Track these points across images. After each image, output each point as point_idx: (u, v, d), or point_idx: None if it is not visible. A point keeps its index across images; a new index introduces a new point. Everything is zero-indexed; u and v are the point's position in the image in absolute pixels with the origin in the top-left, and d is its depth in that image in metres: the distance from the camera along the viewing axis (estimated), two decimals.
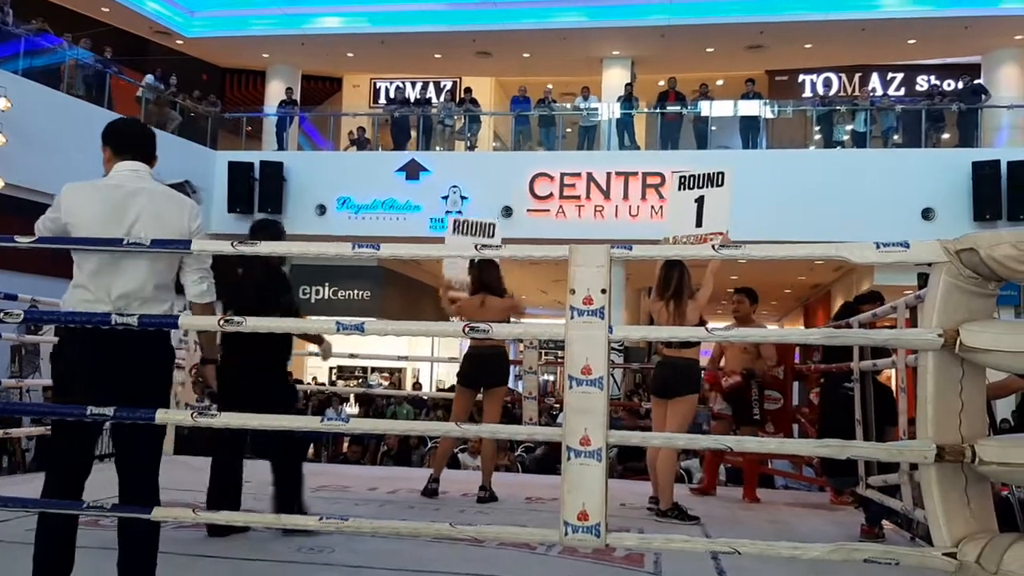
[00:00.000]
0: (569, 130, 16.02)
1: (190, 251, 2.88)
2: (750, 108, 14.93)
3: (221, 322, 2.71)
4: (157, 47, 17.44)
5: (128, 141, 3.11)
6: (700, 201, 5.25)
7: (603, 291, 2.56)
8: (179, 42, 17.40)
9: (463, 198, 14.54)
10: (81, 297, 2.93)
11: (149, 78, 14.86)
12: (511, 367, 6.16)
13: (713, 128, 15.01)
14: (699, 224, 5.21)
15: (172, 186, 3.18)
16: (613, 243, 2.67)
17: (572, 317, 2.56)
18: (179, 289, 3.11)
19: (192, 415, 2.71)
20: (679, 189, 5.37)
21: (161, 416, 2.71)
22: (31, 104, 11.06)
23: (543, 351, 15.19)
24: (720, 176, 5.26)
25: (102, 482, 3.02)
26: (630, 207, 14.11)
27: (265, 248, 2.96)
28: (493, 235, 5.93)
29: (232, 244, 2.82)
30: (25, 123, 10.74)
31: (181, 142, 14.73)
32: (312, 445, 12.79)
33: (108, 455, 3.42)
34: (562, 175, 14.39)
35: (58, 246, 2.91)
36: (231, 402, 3.88)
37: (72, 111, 12.00)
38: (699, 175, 5.31)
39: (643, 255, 2.71)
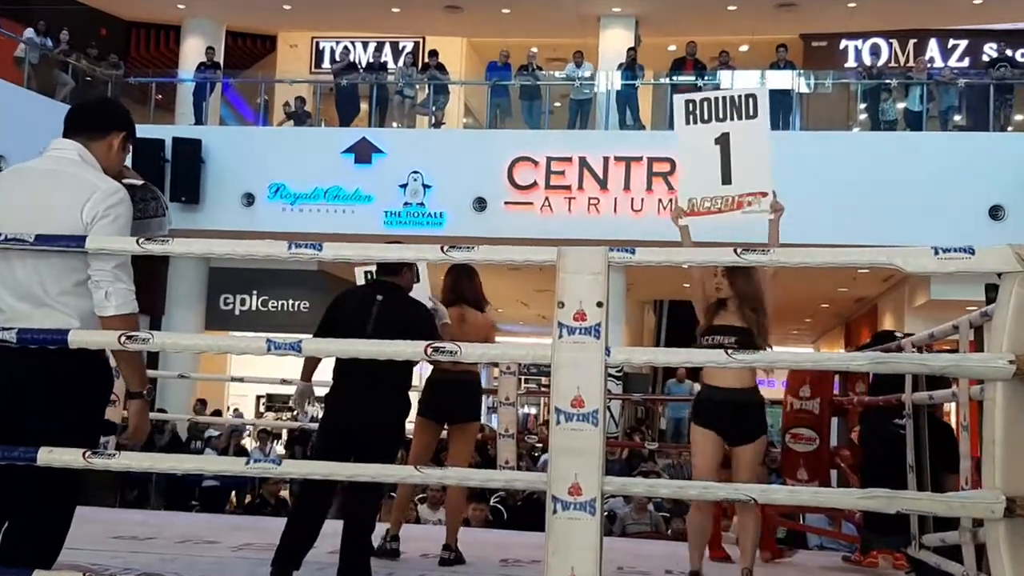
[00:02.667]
0: (558, 104, 16.07)
1: (84, 248, 2.86)
2: (781, 80, 15.04)
3: (122, 339, 2.69)
4: None
5: (69, 116, 3.19)
6: (724, 143, 4.54)
7: (599, 304, 2.57)
8: None
9: (426, 187, 14.56)
10: None
11: (29, 32, 14.73)
12: (483, 397, 6.14)
13: None
14: (727, 179, 4.53)
15: (129, 188, 3.14)
16: (612, 245, 2.69)
17: (561, 336, 2.57)
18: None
19: (84, 454, 2.69)
20: (688, 123, 4.63)
21: (45, 457, 2.68)
22: None
23: (523, 378, 15.21)
24: (749, 102, 4.57)
25: None
26: (632, 200, 14.18)
27: (180, 248, 2.95)
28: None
29: (138, 242, 2.81)
30: None
31: None
32: (233, 493, 12.76)
33: None
34: (548, 160, 14.43)
35: None
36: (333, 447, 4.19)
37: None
38: (717, 100, 4.59)
39: (649, 260, 2.73)
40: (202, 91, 16.30)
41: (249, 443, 14.69)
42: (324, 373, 4.79)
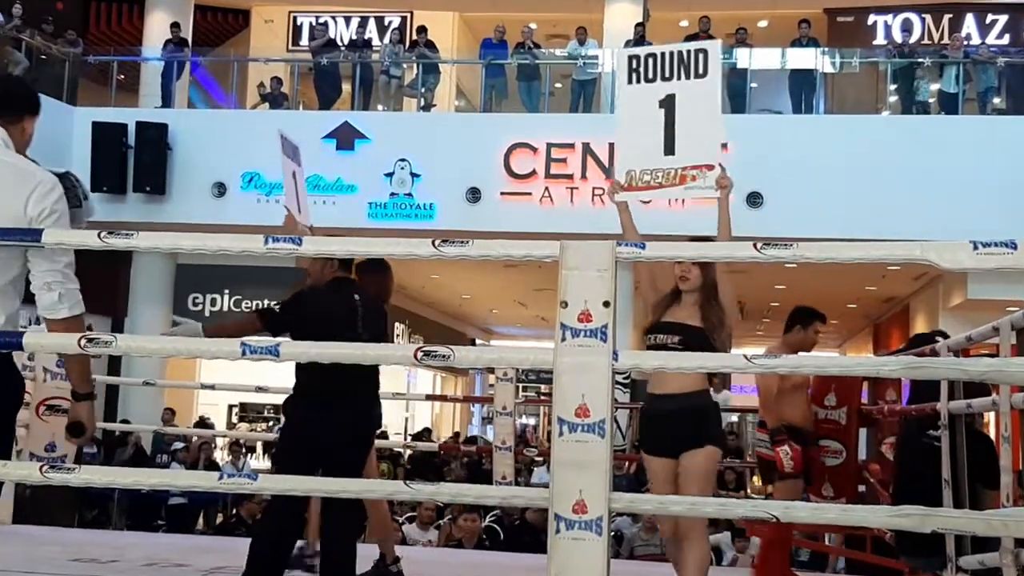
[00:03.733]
0: (559, 85, 16.06)
1: (39, 244, 2.86)
2: (803, 59, 15.04)
3: (82, 342, 2.69)
4: None
5: None
6: (669, 106, 4.27)
7: (606, 304, 2.58)
8: None
9: (414, 176, 14.55)
10: None
11: None
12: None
13: (754, 85, 15.12)
14: (670, 149, 4.26)
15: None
16: (619, 239, 2.69)
17: (564, 339, 2.57)
18: None
19: (41, 468, 2.69)
20: (631, 81, 4.38)
21: (3, 472, 2.69)
22: None
23: (521, 385, 15.21)
24: (699, 57, 4.29)
25: None
26: None
27: (145, 243, 2.95)
28: (300, 162, 5.90)
29: (99, 235, 2.81)
30: None
31: None
32: (203, 512, 12.75)
33: None
34: (549, 146, 14.43)
35: None
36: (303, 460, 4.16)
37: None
38: (664, 56, 4.33)
39: (659, 255, 2.74)
40: (170, 71, 16.26)
41: (220, 456, 14.69)
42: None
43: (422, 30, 16.42)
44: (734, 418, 20.62)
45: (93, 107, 15.75)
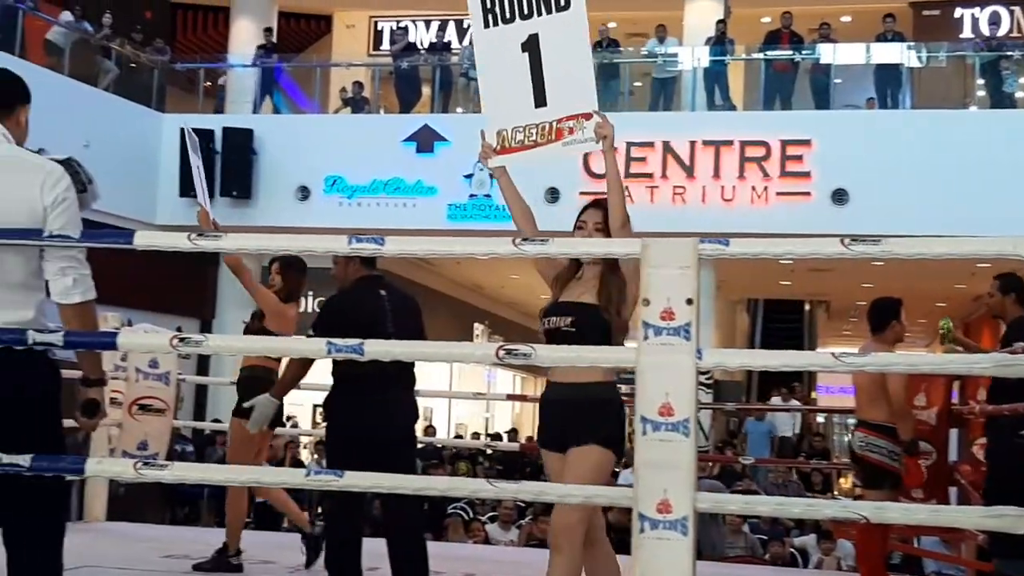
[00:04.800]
0: (638, 84, 15.98)
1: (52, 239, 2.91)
2: (888, 53, 14.79)
3: (174, 341, 2.75)
4: None
5: None
6: (533, 49, 3.74)
7: (689, 302, 2.56)
8: None
9: (493, 177, 14.57)
10: None
11: (66, 16, 15.08)
12: None
13: (837, 80, 14.90)
14: (541, 101, 3.75)
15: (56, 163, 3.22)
16: (702, 236, 2.66)
17: (646, 337, 2.56)
18: None
19: (135, 465, 2.76)
20: (487, 25, 3.85)
21: (94, 468, 2.75)
22: None
23: None
24: None
25: None
26: (723, 188, 14.05)
27: (232, 244, 3.00)
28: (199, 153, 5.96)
29: (189, 238, 2.86)
30: None
31: (117, 102, 14.96)
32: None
33: None
34: (628, 145, 14.34)
35: None
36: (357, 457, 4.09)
37: None
38: None
39: (743, 252, 2.70)
40: (270, 77, 16.55)
41: (305, 455, 14.87)
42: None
43: None
44: (820, 419, 20.29)
45: (181, 113, 16.08)
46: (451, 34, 19.50)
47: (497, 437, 17.68)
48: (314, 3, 19.60)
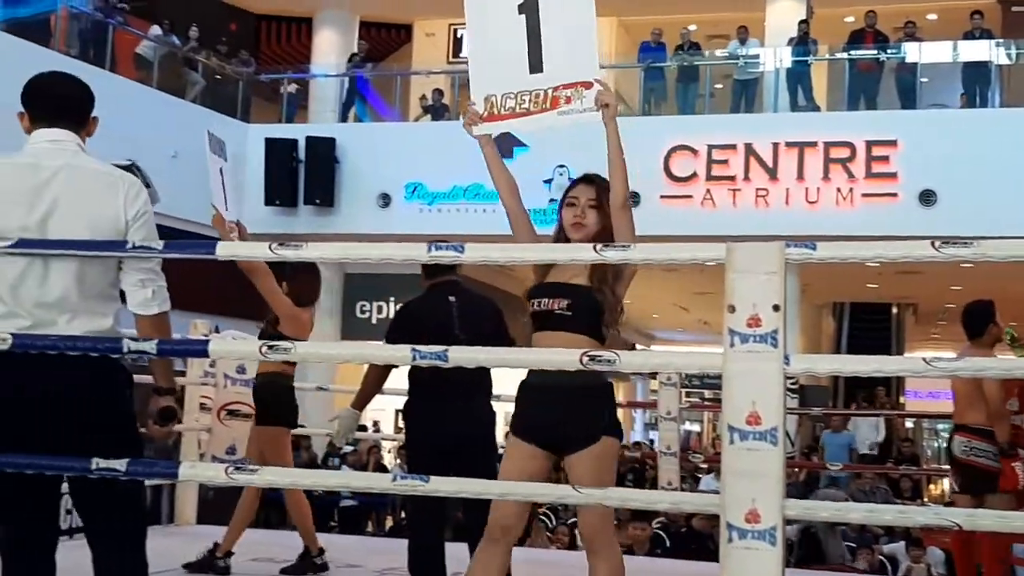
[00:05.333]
0: (720, 86, 15.84)
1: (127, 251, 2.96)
2: (977, 51, 14.46)
3: (263, 349, 2.77)
4: None
5: (45, 102, 3.18)
6: (531, 11, 3.52)
7: (775, 308, 2.50)
8: None
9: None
10: None
11: (155, 30, 15.42)
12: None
13: (924, 79, 14.60)
14: (537, 66, 3.53)
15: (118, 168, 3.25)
16: (788, 240, 2.60)
17: (732, 344, 2.51)
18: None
19: (226, 470, 2.78)
20: None
21: (187, 472, 2.79)
22: (15, 67, 11.58)
23: (684, 390, 15.02)
24: None
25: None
26: (807, 190, 13.84)
27: (313, 253, 3.01)
28: (227, 157, 5.93)
29: (270, 247, 2.88)
30: (7, 91, 11.29)
31: (204, 113, 15.24)
32: (373, 514, 13.04)
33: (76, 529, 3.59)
34: (710, 147, 14.23)
35: None
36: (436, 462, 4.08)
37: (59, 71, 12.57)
38: None
39: (831, 256, 2.63)
40: (360, 86, 16.73)
41: (389, 460, 15.00)
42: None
43: None
44: (909, 424, 19.86)
45: (265, 123, 16.34)
46: None
47: None
48: (395, 13, 19.76)
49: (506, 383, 4.21)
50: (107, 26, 14.30)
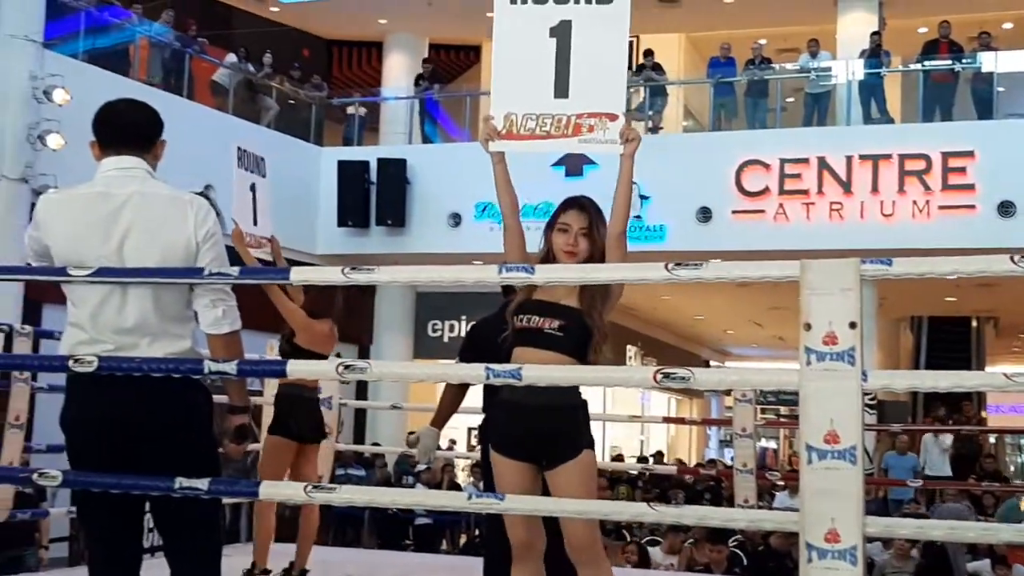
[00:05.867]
0: (791, 100, 15.70)
1: (201, 278, 3.03)
2: None
3: (340, 369, 2.81)
4: (246, 17, 18.47)
5: (112, 129, 3.25)
6: (563, 36, 3.54)
7: (852, 325, 2.48)
8: (273, 9, 18.37)
9: (643, 198, 14.52)
10: (76, 338, 3.15)
11: (231, 58, 15.74)
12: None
13: (1000, 89, 14.32)
14: (562, 91, 3.56)
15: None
16: (861, 255, 2.58)
17: (809, 363, 2.49)
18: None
19: (305, 488, 2.82)
20: (515, 1, 3.62)
21: (267, 491, 2.84)
22: (95, 96, 11.88)
23: (759, 407, 14.86)
24: None
25: None
26: (882, 204, 13.64)
27: (385, 276, 3.04)
28: (265, 174, 5.85)
29: (343, 271, 2.91)
30: (88, 120, 11.57)
31: (278, 138, 15.49)
32: (447, 532, 13.08)
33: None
34: (782, 162, 14.11)
35: (44, 278, 3.17)
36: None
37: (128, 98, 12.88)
38: None
39: (908, 272, 2.60)
40: (430, 108, 16.89)
41: (462, 478, 15.04)
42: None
43: (649, 53, 16.41)
44: (992, 439, 19.40)
45: (337, 147, 16.56)
46: None
47: (658, 459, 17.54)
48: (463, 34, 19.91)
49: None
50: (185, 55, 14.62)
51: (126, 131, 3.24)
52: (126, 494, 3.02)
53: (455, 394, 4.79)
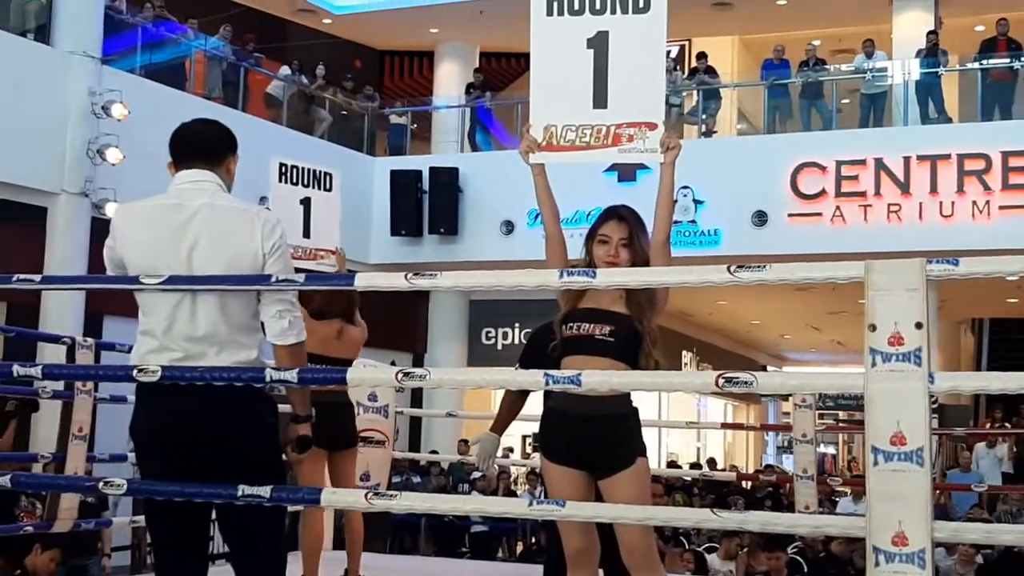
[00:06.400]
0: (846, 101, 15.55)
1: (269, 284, 3.07)
2: None
3: (399, 376, 2.83)
4: (299, 29, 18.67)
5: (184, 146, 3.34)
6: (600, 47, 3.59)
7: (918, 325, 2.45)
8: (326, 21, 18.55)
9: (697, 202, 14.45)
10: (147, 347, 3.21)
11: (284, 70, 15.92)
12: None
13: None
14: (601, 101, 3.64)
15: None
16: (926, 255, 2.55)
17: (874, 364, 2.46)
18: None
19: (366, 495, 2.84)
20: (551, 12, 3.68)
21: (328, 498, 2.86)
22: (153, 110, 12.12)
23: (819, 411, 14.69)
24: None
25: None
26: (941, 204, 13.45)
27: (446, 282, 3.05)
28: (331, 188, 5.77)
29: (406, 277, 2.93)
30: (146, 134, 11.75)
31: (331, 148, 15.64)
32: (503, 540, 13.08)
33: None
34: (838, 164, 13.97)
35: (119, 287, 3.22)
36: None
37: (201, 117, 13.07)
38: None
39: (974, 271, 2.56)
40: (486, 114, 16.97)
41: (517, 485, 15.04)
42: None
43: (702, 56, 16.34)
44: None
45: (390, 156, 16.67)
46: None
47: (711, 465, 17.42)
48: (514, 41, 19.93)
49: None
50: (240, 68, 14.80)
51: (197, 146, 3.33)
52: (190, 502, 3.06)
53: (514, 400, 4.80)
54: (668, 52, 19.33)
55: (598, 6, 3.55)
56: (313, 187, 5.77)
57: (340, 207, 5.84)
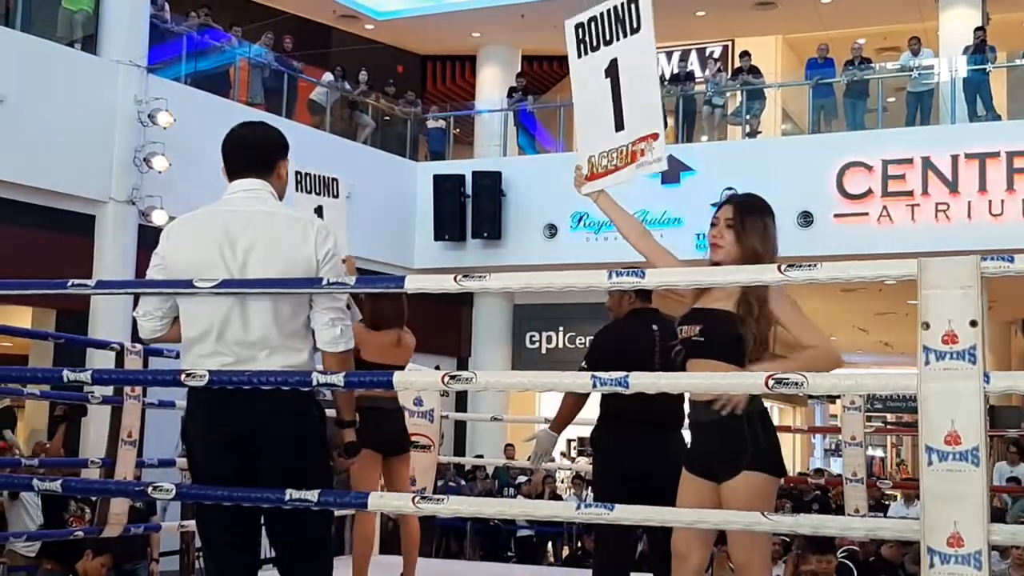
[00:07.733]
0: (892, 99, 15.41)
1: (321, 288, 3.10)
2: None
3: (446, 379, 2.83)
4: (342, 36, 18.79)
5: (235, 154, 3.37)
6: (613, 73, 3.74)
7: (973, 323, 2.42)
8: (369, 27, 18.67)
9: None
10: (198, 352, 3.24)
11: (328, 77, 16.04)
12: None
13: None
14: (620, 124, 3.75)
15: None
16: (983, 254, 2.52)
17: (927, 363, 2.43)
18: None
19: (413, 499, 2.85)
20: (580, 55, 3.91)
21: (376, 502, 2.87)
22: (198, 117, 12.27)
23: (867, 414, 14.55)
24: (631, 10, 3.68)
25: None
26: (990, 203, 13.29)
27: (496, 284, 3.05)
28: (338, 194, 5.75)
29: (455, 279, 2.94)
30: (191, 142, 11.92)
31: (375, 154, 15.72)
32: (549, 544, 13.07)
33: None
34: (885, 163, 13.84)
35: (167, 291, 3.27)
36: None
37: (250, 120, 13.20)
38: (603, 16, 3.79)
39: None
40: (528, 118, 17.02)
41: (562, 489, 15.01)
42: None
43: (745, 55, 16.26)
44: None
45: (433, 161, 16.73)
46: (693, 63, 19.44)
47: None
48: (556, 44, 19.87)
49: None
50: (284, 75, 14.93)
51: (246, 154, 3.36)
52: (239, 506, 3.08)
53: (575, 401, 4.80)
54: (711, 53, 19.27)
55: (607, 36, 3.76)
56: (324, 194, 5.81)
57: (346, 213, 5.88)
